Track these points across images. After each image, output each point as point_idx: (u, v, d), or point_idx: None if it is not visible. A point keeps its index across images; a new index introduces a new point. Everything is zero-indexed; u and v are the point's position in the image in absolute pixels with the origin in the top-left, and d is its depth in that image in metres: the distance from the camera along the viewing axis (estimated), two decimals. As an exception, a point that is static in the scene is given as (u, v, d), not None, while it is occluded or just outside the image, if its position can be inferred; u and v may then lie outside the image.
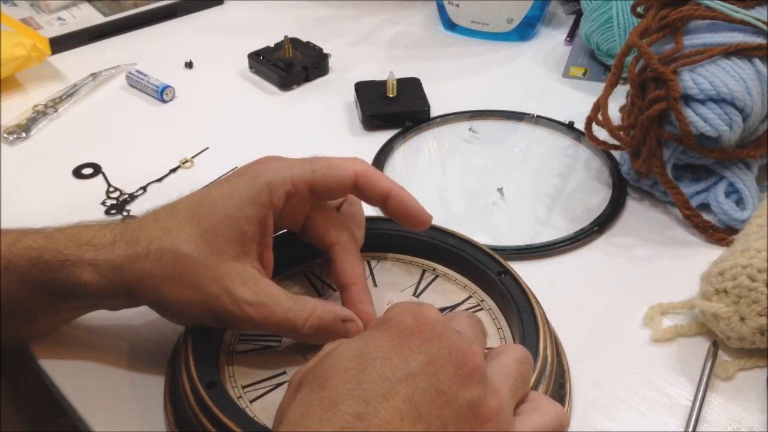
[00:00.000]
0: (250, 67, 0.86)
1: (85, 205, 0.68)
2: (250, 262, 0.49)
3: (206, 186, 0.53)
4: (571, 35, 0.92)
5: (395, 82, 0.78)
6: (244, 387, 0.50)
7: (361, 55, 0.89)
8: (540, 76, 0.86)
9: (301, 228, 0.53)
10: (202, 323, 0.49)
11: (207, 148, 0.75)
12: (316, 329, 0.49)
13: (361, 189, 0.51)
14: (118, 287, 0.49)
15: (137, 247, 0.49)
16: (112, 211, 0.67)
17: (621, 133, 0.65)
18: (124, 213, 0.67)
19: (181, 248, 0.48)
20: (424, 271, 0.58)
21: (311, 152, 0.67)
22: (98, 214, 0.67)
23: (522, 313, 0.52)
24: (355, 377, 0.37)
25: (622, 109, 0.70)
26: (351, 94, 0.80)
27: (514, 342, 0.52)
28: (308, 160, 0.51)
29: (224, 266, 0.48)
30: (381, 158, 0.72)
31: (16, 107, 0.80)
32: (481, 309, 0.55)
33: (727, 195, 0.65)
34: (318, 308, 0.49)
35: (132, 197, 0.69)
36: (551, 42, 0.91)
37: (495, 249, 0.57)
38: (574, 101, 0.80)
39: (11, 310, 0.51)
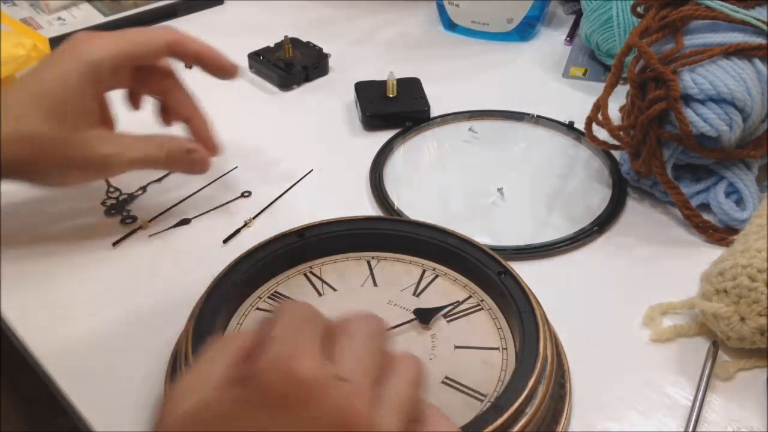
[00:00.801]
0: (250, 67, 0.86)
1: (85, 204, 0.68)
2: (99, 126, 0.59)
3: (32, 70, 0.59)
4: (571, 35, 0.92)
5: (395, 82, 0.78)
6: (244, 387, 0.50)
7: (361, 55, 0.89)
8: (540, 76, 0.86)
9: (135, 86, 0.63)
10: (75, 182, 0.61)
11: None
12: (168, 159, 0.61)
13: (176, 54, 0.62)
14: None
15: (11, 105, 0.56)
16: (112, 211, 0.67)
17: (621, 133, 0.65)
18: (125, 213, 0.67)
19: (40, 131, 0.56)
20: (424, 271, 0.58)
21: (311, 152, 0.67)
22: (98, 214, 0.67)
23: (522, 313, 0.52)
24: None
25: (622, 109, 0.70)
26: (351, 94, 0.80)
27: (515, 342, 0.52)
28: (121, 34, 0.60)
29: (82, 135, 0.57)
30: (381, 158, 0.72)
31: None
32: (481, 309, 0.55)
33: (727, 195, 0.65)
34: (166, 143, 0.61)
35: (132, 197, 0.69)
36: (551, 42, 0.91)
37: (495, 249, 0.57)
38: (574, 101, 0.80)
39: None
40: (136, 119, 0.65)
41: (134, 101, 0.66)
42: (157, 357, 0.54)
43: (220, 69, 0.64)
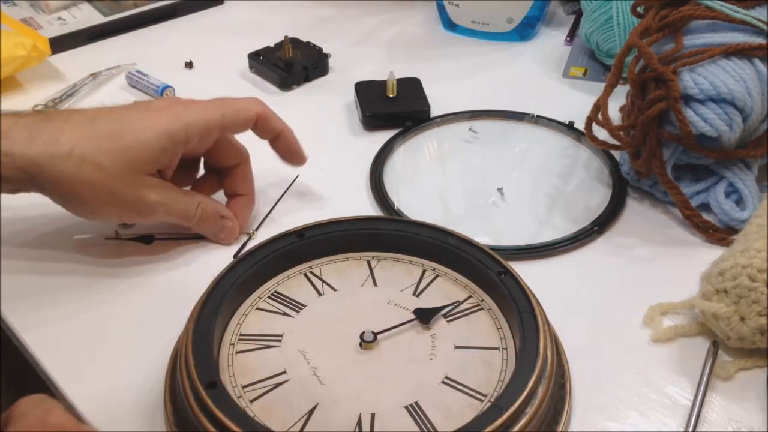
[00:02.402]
0: (250, 67, 0.86)
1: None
2: (158, 175, 0.59)
3: (124, 107, 0.59)
4: (571, 35, 0.92)
5: (395, 82, 0.78)
6: (244, 387, 0.50)
7: (361, 55, 0.89)
8: (540, 76, 0.86)
9: (206, 153, 0.63)
10: (108, 219, 0.60)
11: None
12: (201, 218, 0.61)
13: (259, 127, 0.62)
14: (30, 180, 0.55)
15: (58, 149, 0.54)
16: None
17: (621, 133, 0.65)
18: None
19: (102, 161, 0.55)
20: (424, 271, 0.58)
21: (311, 152, 0.67)
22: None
23: (522, 313, 0.52)
24: None
25: (622, 109, 0.70)
26: (351, 94, 0.80)
27: (515, 342, 0.52)
28: (216, 102, 0.61)
29: (138, 179, 0.57)
30: (381, 158, 0.72)
31: (16, 107, 0.79)
32: (481, 309, 0.55)
33: (727, 195, 0.65)
34: (204, 200, 0.61)
35: None
36: (551, 42, 0.91)
37: (495, 249, 0.57)
38: (574, 101, 0.80)
39: None
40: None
41: (194, 170, 0.66)
42: (157, 357, 0.54)
43: (293, 154, 0.65)
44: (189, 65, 0.87)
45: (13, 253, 0.62)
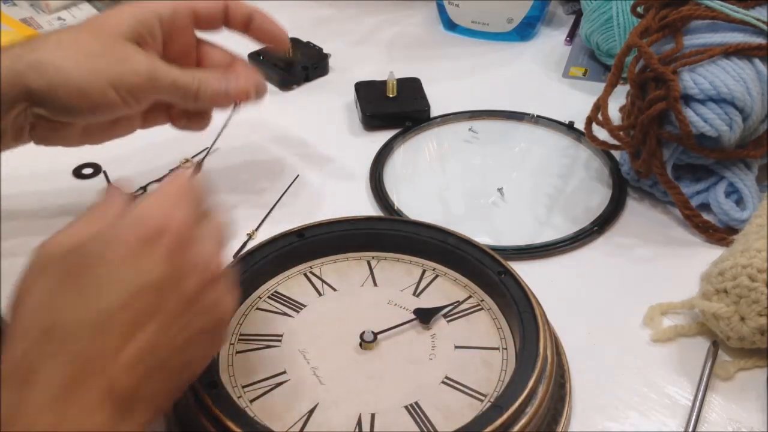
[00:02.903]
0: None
1: (85, 204, 0.67)
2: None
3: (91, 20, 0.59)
4: (571, 35, 0.92)
5: (395, 82, 0.78)
6: (244, 387, 0.50)
7: (361, 55, 0.89)
8: (540, 76, 0.86)
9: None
10: (99, 112, 0.57)
11: (207, 148, 0.74)
12: (201, 85, 0.59)
13: (230, 13, 0.62)
14: (20, 90, 0.54)
15: (37, 46, 0.55)
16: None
17: (621, 133, 0.65)
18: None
19: (77, 37, 0.56)
20: (424, 271, 0.58)
21: (311, 152, 0.67)
22: (98, 214, 0.67)
23: (522, 313, 0.52)
24: (102, 272, 0.39)
25: (622, 109, 0.70)
26: (351, 94, 0.80)
27: (515, 342, 0.52)
28: None
29: (121, 46, 0.56)
30: (381, 158, 0.72)
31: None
32: (481, 309, 0.55)
33: (727, 195, 0.65)
34: (200, 72, 0.60)
35: (132, 197, 0.69)
36: (551, 42, 0.91)
37: (495, 249, 0.57)
38: (574, 101, 0.80)
39: None
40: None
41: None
42: (157, 357, 0.54)
43: (274, 36, 0.65)
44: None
45: (13, 252, 0.62)
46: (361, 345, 0.52)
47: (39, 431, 0.36)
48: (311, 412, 0.48)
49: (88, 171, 0.72)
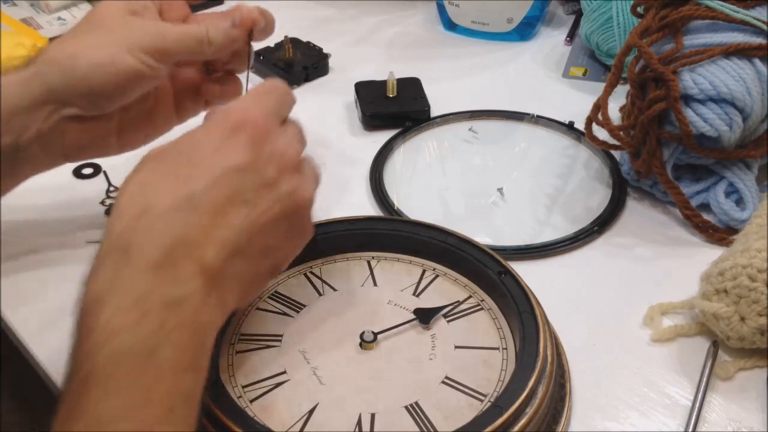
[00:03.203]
0: (250, 67, 0.85)
1: (85, 204, 0.68)
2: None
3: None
4: (571, 35, 0.92)
5: (395, 82, 0.78)
6: (244, 387, 0.50)
7: (361, 55, 0.89)
8: (540, 76, 0.86)
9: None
10: (122, 87, 0.56)
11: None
12: (211, 32, 0.57)
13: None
14: (31, 90, 0.54)
15: (39, 53, 0.55)
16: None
17: (621, 133, 0.65)
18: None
19: (80, 25, 0.56)
20: (424, 271, 0.58)
21: (311, 152, 0.67)
22: (98, 214, 0.67)
23: (522, 313, 0.52)
24: (189, 160, 0.44)
25: (622, 109, 0.70)
26: (351, 94, 0.80)
27: (515, 342, 0.52)
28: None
29: (124, 18, 0.56)
30: (381, 158, 0.72)
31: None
32: (481, 309, 0.55)
33: (727, 195, 0.65)
34: (209, 22, 0.58)
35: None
36: (551, 42, 0.91)
37: (495, 249, 0.57)
38: (574, 101, 0.80)
39: None
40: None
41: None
42: (157, 357, 0.54)
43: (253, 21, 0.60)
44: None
45: (13, 252, 0.62)
46: (361, 345, 0.52)
47: (133, 298, 0.39)
48: (311, 412, 0.48)
49: (88, 171, 0.72)
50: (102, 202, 0.68)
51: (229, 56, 0.62)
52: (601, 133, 0.67)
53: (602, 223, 0.65)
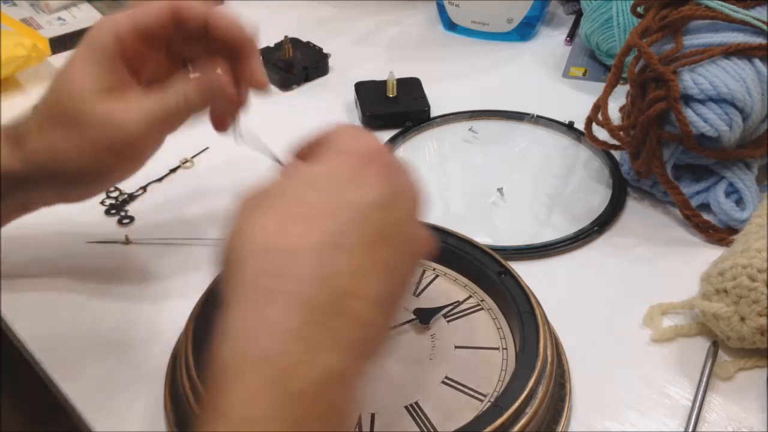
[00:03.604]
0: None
1: (85, 204, 0.68)
2: (120, 93, 0.51)
3: None
4: (571, 35, 0.92)
5: (395, 82, 0.78)
6: (244, 387, 0.50)
7: (361, 55, 0.89)
8: (540, 76, 0.86)
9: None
10: (105, 169, 0.52)
11: (207, 148, 0.75)
12: (187, 104, 0.52)
13: (180, 26, 0.52)
14: (30, 168, 0.51)
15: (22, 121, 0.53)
16: (112, 211, 0.67)
17: (621, 133, 0.65)
18: (122, 213, 0.67)
19: (47, 97, 0.52)
20: (424, 271, 0.58)
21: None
22: (98, 213, 0.67)
23: (522, 313, 0.52)
24: (327, 197, 0.39)
25: (622, 109, 0.70)
26: (351, 94, 0.80)
27: (515, 342, 0.52)
28: (125, 12, 0.53)
29: (93, 109, 0.51)
30: (381, 158, 0.72)
31: (16, 107, 0.79)
32: (481, 309, 0.55)
33: (727, 195, 0.65)
34: (184, 85, 0.52)
35: (132, 197, 0.69)
36: (551, 42, 0.91)
37: (495, 249, 0.57)
38: (574, 101, 0.80)
39: None
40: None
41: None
42: (157, 357, 0.54)
43: (234, 43, 0.53)
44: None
45: (12, 252, 0.62)
46: (361, 345, 0.52)
47: (281, 350, 0.36)
48: (311, 412, 0.48)
49: (88, 171, 0.72)
50: (102, 202, 0.68)
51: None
52: (601, 133, 0.67)
53: (602, 223, 0.65)
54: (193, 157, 0.74)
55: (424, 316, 0.54)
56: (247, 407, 0.35)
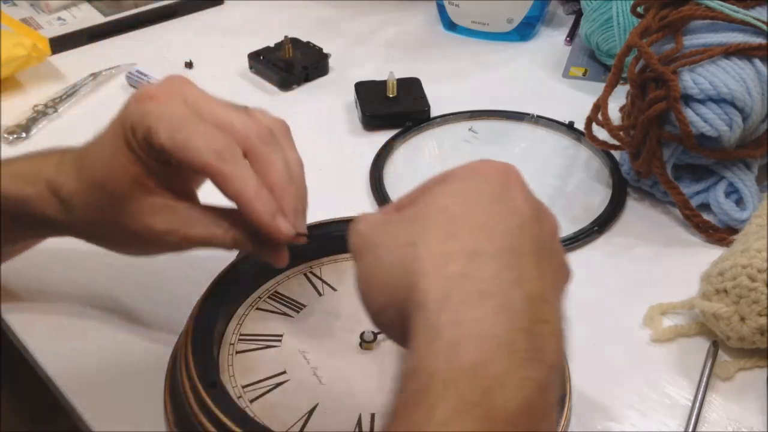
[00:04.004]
0: (250, 67, 0.86)
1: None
2: (159, 194, 0.48)
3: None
4: (571, 35, 0.92)
5: (395, 82, 0.78)
6: (244, 387, 0.50)
7: (361, 55, 0.89)
8: (540, 76, 0.86)
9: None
10: (140, 254, 0.52)
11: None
12: (237, 242, 0.49)
13: (215, 183, 0.47)
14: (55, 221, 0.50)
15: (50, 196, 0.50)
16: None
17: (621, 133, 0.65)
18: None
19: (74, 197, 0.48)
20: (424, 271, 0.58)
21: (311, 152, 0.67)
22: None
23: (522, 313, 0.52)
24: (485, 210, 0.38)
25: (622, 109, 0.70)
26: (351, 94, 0.80)
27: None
28: (181, 115, 0.46)
29: (131, 205, 0.47)
30: (381, 158, 0.72)
31: (16, 107, 0.80)
32: (481, 309, 0.55)
33: (727, 195, 0.65)
34: (235, 224, 0.48)
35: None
36: (551, 42, 0.91)
37: (495, 249, 0.57)
38: (574, 101, 0.80)
39: None
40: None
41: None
42: (157, 357, 0.54)
43: (261, 231, 0.47)
44: (189, 65, 0.87)
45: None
46: (361, 345, 0.52)
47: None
48: (311, 412, 0.48)
49: (88, 171, 0.72)
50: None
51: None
52: (601, 133, 0.67)
53: (602, 223, 0.65)
54: (193, 157, 0.74)
55: (424, 316, 0.54)
56: (455, 425, 0.32)
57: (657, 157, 0.63)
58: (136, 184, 0.47)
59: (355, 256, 0.42)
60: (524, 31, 0.91)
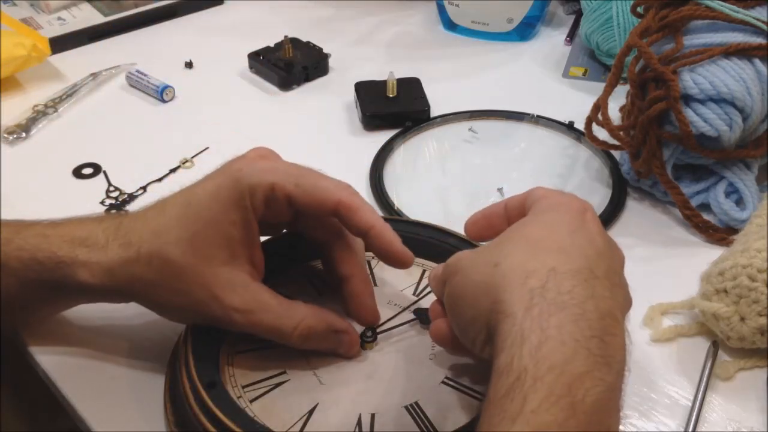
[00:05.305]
0: (250, 67, 0.86)
1: (85, 204, 0.68)
2: (240, 266, 0.49)
3: (194, 183, 0.51)
4: (571, 35, 0.92)
5: (395, 82, 0.78)
6: (244, 387, 0.50)
7: (361, 55, 0.89)
8: (540, 76, 0.86)
9: (292, 226, 0.53)
10: (196, 323, 0.50)
11: (207, 148, 0.75)
12: (305, 338, 0.49)
13: (341, 219, 0.50)
14: (111, 288, 0.50)
15: (129, 251, 0.49)
16: (112, 211, 0.67)
17: (621, 133, 0.65)
18: (123, 212, 0.67)
19: (169, 254, 0.48)
20: (424, 271, 0.58)
21: (311, 152, 0.67)
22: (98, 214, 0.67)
23: (522, 313, 0.52)
24: (567, 237, 0.43)
25: (622, 109, 0.70)
26: (351, 94, 0.80)
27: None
28: (296, 169, 0.50)
29: (212, 272, 0.48)
30: (381, 158, 0.72)
31: (16, 107, 0.80)
32: (481, 309, 0.55)
33: (727, 195, 0.65)
34: (308, 317, 0.49)
35: (132, 197, 0.69)
36: (551, 42, 0.91)
37: (495, 249, 0.57)
38: (574, 101, 0.80)
39: (10, 307, 0.51)
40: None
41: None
42: (157, 357, 0.54)
43: (391, 257, 0.50)
44: (189, 65, 0.87)
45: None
46: (361, 345, 0.52)
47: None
48: (311, 412, 0.48)
49: (88, 171, 0.72)
50: (102, 202, 0.68)
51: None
52: (601, 133, 0.67)
53: (602, 223, 0.65)
54: (193, 157, 0.74)
55: (425, 317, 0.54)
56: (545, 413, 0.36)
57: (657, 157, 0.63)
58: (229, 250, 0.48)
59: (448, 279, 0.46)
60: (524, 31, 0.91)
